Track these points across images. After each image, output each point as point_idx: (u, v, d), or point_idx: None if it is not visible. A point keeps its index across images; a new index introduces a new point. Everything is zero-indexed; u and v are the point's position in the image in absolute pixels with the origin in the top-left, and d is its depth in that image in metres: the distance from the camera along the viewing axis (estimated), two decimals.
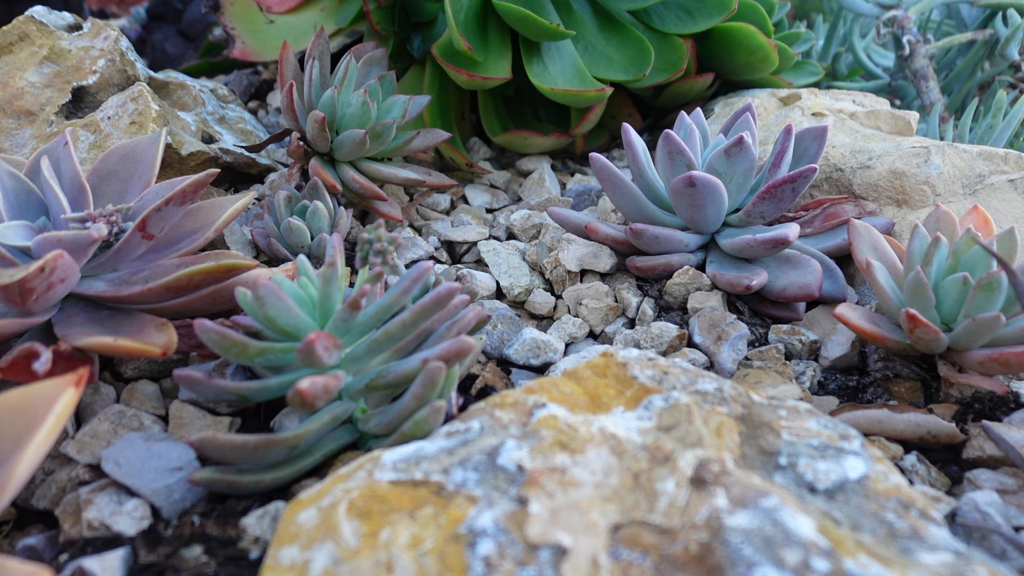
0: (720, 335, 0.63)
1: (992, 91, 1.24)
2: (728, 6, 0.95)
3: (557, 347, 0.63)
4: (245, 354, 0.46)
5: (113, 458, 0.47)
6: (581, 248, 0.73)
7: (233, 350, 0.46)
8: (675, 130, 0.73)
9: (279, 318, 0.46)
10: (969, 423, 0.56)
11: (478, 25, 0.92)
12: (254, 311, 0.46)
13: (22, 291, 0.48)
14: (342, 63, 0.79)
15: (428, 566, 0.33)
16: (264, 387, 0.48)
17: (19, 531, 0.47)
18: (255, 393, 0.48)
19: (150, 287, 0.53)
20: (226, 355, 0.46)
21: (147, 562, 0.41)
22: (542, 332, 0.65)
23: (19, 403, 0.34)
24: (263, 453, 0.44)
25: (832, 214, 0.78)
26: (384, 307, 0.49)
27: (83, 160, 0.79)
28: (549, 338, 0.64)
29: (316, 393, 0.42)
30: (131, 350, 0.49)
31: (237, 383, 0.47)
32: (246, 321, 0.51)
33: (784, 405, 0.45)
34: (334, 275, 0.48)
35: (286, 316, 0.46)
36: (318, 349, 0.43)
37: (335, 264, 0.47)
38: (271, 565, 0.34)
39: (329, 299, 0.48)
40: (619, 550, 0.33)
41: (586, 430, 0.41)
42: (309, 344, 0.42)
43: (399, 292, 0.49)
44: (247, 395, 0.48)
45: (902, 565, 0.32)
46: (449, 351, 0.46)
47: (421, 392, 0.44)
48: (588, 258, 0.72)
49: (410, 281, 0.49)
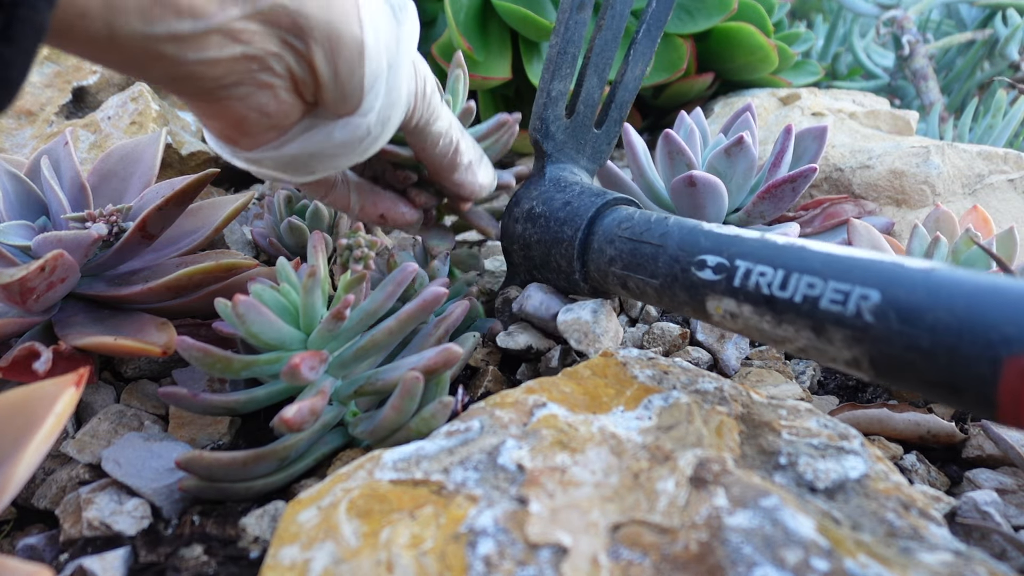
0: (723, 333, 0.63)
1: (992, 91, 1.24)
2: (728, 6, 0.95)
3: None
4: (229, 369, 0.46)
5: (113, 458, 0.47)
6: None
7: (217, 366, 0.45)
8: (675, 130, 0.73)
9: (262, 333, 0.45)
10: (969, 423, 0.56)
11: (478, 25, 0.92)
12: (236, 327, 0.46)
13: (23, 290, 0.48)
14: None
15: (428, 566, 0.33)
16: (252, 399, 0.47)
17: (19, 531, 0.47)
18: (243, 406, 0.47)
19: (150, 287, 0.53)
20: (210, 371, 0.45)
21: (147, 561, 0.41)
22: None
23: (19, 403, 0.34)
24: (252, 468, 0.44)
25: (832, 214, 0.78)
26: (369, 312, 0.49)
27: (83, 160, 0.79)
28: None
29: (303, 419, 0.41)
30: (131, 350, 0.49)
31: (224, 397, 0.47)
32: (229, 328, 0.51)
33: (784, 405, 0.45)
34: (315, 285, 0.47)
35: (268, 330, 0.45)
36: (303, 371, 0.42)
37: (316, 274, 0.47)
38: (271, 565, 0.34)
39: (312, 308, 0.48)
40: (619, 550, 0.33)
41: (586, 430, 0.41)
42: (293, 368, 0.42)
43: (384, 297, 0.49)
44: (235, 408, 0.47)
45: (902, 565, 0.32)
46: (436, 361, 0.46)
47: (399, 404, 0.44)
48: None
49: (394, 285, 0.49)
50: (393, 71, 0.46)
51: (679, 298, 0.48)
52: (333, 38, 0.41)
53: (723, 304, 0.45)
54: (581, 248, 0.56)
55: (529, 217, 0.60)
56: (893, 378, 0.37)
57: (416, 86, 0.49)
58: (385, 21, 0.45)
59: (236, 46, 0.38)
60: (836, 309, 0.38)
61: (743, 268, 0.43)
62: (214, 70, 0.39)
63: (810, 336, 0.40)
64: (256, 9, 0.38)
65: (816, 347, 0.40)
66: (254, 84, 0.41)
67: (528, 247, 0.60)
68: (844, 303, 0.38)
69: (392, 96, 0.46)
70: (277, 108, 0.43)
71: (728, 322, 0.45)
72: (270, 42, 0.40)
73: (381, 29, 0.44)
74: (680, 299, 0.48)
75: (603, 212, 0.56)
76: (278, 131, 0.45)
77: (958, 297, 0.34)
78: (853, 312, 0.38)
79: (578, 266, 0.56)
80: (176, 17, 0.35)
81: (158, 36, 0.36)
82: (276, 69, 0.41)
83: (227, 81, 0.40)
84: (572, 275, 0.57)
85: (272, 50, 0.40)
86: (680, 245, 0.48)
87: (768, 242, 0.44)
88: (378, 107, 0.46)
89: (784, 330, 0.41)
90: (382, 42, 0.44)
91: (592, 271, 0.56)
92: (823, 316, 0.39)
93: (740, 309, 0.43)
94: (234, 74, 0.40)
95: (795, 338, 0.41)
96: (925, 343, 0.35)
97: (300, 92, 0.44)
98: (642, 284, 0.51)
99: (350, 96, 0.44)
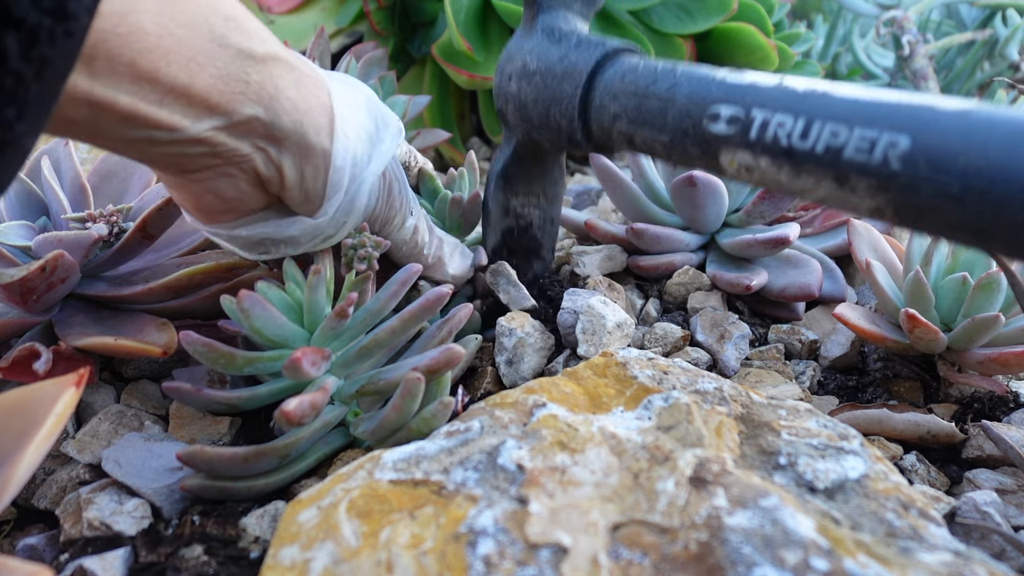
0: (723, 334, 0.63)
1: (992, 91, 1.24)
2: (728, 6, 0.95)
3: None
4: (233, 365, 0.46)
5: (113, 458, 0.47)
6: (595, 256, 0.72)
7: (220, 361, 0.45)
8: None
9: (265, 329, 0.45)
10: (968, 423, 0.56)
11: (478, 25, 0.92)
12: (240, 322, 0.46)
13: (23, 290, 0.48)
14: (342, 63, 0.79)
15: (428, 565, 0.33)
16: (254, 396, 0.47)
17: (20, 531, 0.47)
18: (245, 402, 0.47)
19: (150, 287, 0.53)
20: (214, 366, 0.46)
21: (147, 561, 0.41)
22: None
23: (19, 403, 0.34)
24: (253, 464, 0.44)
25: (832, 214, 0.78)
26: (372, 312, 0.49)
27: (83, 160, 0.79)
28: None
29: (303, 412, 0.41)
30: (131, 350, 0.49)
31: (227, 393, 0.47)
32: (233, 327, 0.51)
33: (784, 405, 0.45)
34: (320, 282, 0.47)
35: (272, 326, 0.46)
36: (304, 366, 0.42)
37: (320, 271, 0.47)
38: (271, 565, 0.34)
39: (316, 306, 0.48)
40: (619, 549, 0.33)
41: (586, 430, 0.41)
42: (295, 362, 0.42)
43: (387, 296, 0.49)
44: (237, 404, 0.47)
45: (902, 565, 0.32)
46: (438, 360, 0.46)
47: (400, 403, 0.44)
48: (605, 262, 0.72)
49: (398, 285, 0.49)
50: (357, 183, 0.48)
51: (690, 153, 0.45)
52: (303, 148, 0.44)
53: (738, 158, 0.42)
54: (582, 106, 0.51)
55: (523, 74, 0.55)
56: (916, 224, 0.36)
57: (381, 190, 0.51)
58: (359, 137, 0.48)
59: (203, 147, 0.41)
60: (861, 158, 0.36)
61: (760, 118, 0.40)
62: (179, 159, 0.41)
63: (831, 186, 0.38)
64: (231, 122, 0.41)
65: (837, 196, 0.38)
66: (216, 172, 0.43)
67: (524, 107, 0.55)
68: (870, 151, 0.36)
69: (352, 205, 0.48)
70: (235, 195, 0.45)
71: (744, 175, 0.43)
72: (242, 145, 0.42)
73: (352, 145, 0.47)
74: (691, 154, 0.45)
75: (604, 65, 0.51)
76: (235, 215, 0.47)
77: (993, 139, 0.32)
78: (879, 160, 0.35)
79: (579, 125, 0.52)
80: (154, 129, 0.38)
81: (135, 137, 0.38)
82: (241, 165, 0.43)
83: (191, 167, 0.42)
84: (574, 135, 0.53)
85: (242, 151, 0.42)
86: (690, 97, 0.44)
87: (787, 89, 0.40)
88: (334, 212, 0.48)
89: (803, 181, 0.39)
90: (350, 157, 0.47)
91: (595, 130, 0.52)
92: (847, 166, 0.37)
93: (757, 162, 0.41)
94: (197, 163, 0.42)
95: (815, 189, 0.39)
96: (955, 189, 0.33)
97: (264, 187, 0.46)
98: (650, 140, 0.47)
99: (312, 199, 0.47)
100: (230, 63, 0.39)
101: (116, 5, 0.33)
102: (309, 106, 0.44)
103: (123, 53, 0.34)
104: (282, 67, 0.42)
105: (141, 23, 0.35)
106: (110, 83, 0.35)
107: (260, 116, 0.41)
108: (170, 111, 0.38)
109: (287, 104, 0.42)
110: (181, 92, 0.37)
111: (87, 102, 0.35)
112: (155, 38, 0.35)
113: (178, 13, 0.37)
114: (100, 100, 0.35)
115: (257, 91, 0.41)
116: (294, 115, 0.43)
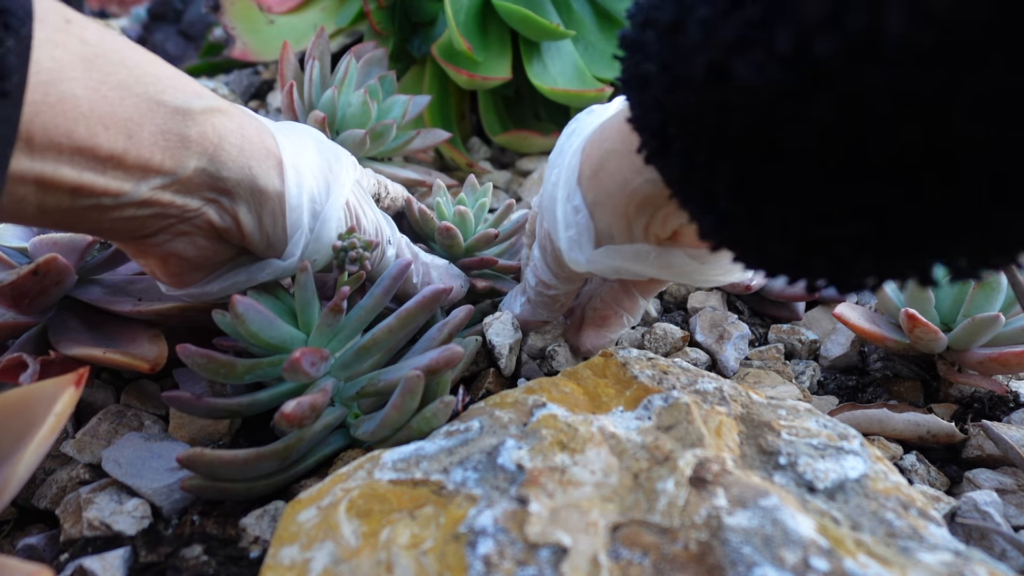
0: (722, 334, 0.63)
1: None
2: None
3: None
4: (234, 374, 0.46)
5: (113, 458, 0.47)
6: None
7: (221, 371, 0.45)
8: None
9: (262, 332, 0.45)
10: (969, 423, 0.56)
11: (478, 25, 0.92)
12: (235, 330, 0.46)
13: (15, 295, 0.48)
14: (342, 63, 0.79)
15: (428, 565, 0.33)
16: (255, 402, 0.47)
17: (20, 531, 0.47)
18: (246, 408, 0.47)
19: (140, 310, 0.52)
20: (215, 377, 0.46)
21: (147, 561, 0.41)
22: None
23: (19, 403, 0.34)
24: (253, 466, 0.44)
25: None
26: (368, 309, 0.49)
27: None
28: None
29: (303, 414, 0.41)
30: (120, 364, 0.48)
31: (227, 401, 0.47)
32: (229, 342, 0.51)
33: (784, 405, 0.45)
34: (308, 279, 0.47)
35: (269, 329, 0.45)
36: (304, 365, 0.42)
37: (307, 268, 0.47)
38: (271, 564, 0.34)
39: (308, 305, 0.48)
40: (619, 549, 0.33)
41: (586, 430, 0.41)
42: (294, 362, 0.42)
43: (381, 293, 0.49)
44: (239, 411, 0.47)
45: (902, 564, 0.32)
46: (439, 361, 0.46)
47: (401, 401, 0.44)
48: None
49: (391, 280, 0.49)
50: (320, 220, 0.48)
51: None
52: (256, 193, 0.44)
53: None
54: None
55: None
56: None
57: (347, 224, 0.51)
58: (313, 173, 0.48)
59: (153, 208, 0.41)
60: None
61: None
62: (131, 224, 0.41)
63: None
64: (176, 179, 0.41)
65: None
66: (172, 233, 0.43)
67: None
68: None
69: (320, 243, 0.49)
70: (197, 253, 0.45)
71: None
72: (190, 201, 0.42)
73: (306, 182, 0.47)
74: None
75: None
76: (204, 272, 0.47)
77: None
78: None
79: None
80: (101, 196, 0.38)
81: (83, 207, 0.38)
82: (194, 221, 0.44)
83: (145, 231, 0.42)
84: None
85: (191, 207, 0.43)
86: None
87: None
88: (300, 252, 0.48)
89: None
90: (306, 195, 0.47)
91: None
92: None
93: None
94: (151, 226, 0.42)
95: None
96: None
97: (224, 239, 0.46)
98: None
99: (275, 243, 0.47)
100: (168, 120, 0.39)
101: (43, 76, 0.33)
102: (254, 149, 0.44)
103: (59, 124, 0.34)
104: (222, 117, 0.42)
105: (72, 90, 0.35)
106: (50, 157, 0.35)
107: (205, 167, 0.41)
108: (113, 175, 0.38)
109: (232, 151, 0.42)
110: (121, 155, 0.37)
111: (34, 180, 0.35)
112: (88, 103, 0.35)
113: (108, 76, 0.36)
114: (45, 177, 0.35)
115: (199, 142, 0.41)
116: (239, 160, 0.43)
